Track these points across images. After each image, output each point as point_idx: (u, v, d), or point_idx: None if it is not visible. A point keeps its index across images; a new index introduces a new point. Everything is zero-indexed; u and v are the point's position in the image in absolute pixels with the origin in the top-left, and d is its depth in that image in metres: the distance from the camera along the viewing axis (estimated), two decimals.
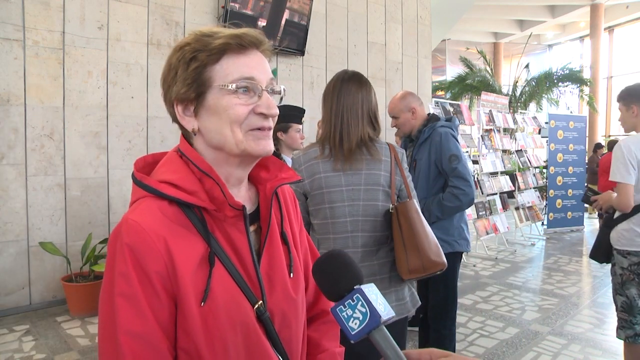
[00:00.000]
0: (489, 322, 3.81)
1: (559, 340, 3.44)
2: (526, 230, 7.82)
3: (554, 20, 16.17)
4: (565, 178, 8.08)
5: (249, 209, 0.85)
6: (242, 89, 0.78)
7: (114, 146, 4.38)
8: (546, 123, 8.26)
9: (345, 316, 0.66)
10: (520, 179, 7.48)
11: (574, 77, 12.85)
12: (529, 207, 7.48)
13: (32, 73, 3.94)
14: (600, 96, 14.73)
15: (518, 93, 13.07)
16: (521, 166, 7.82)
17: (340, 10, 6.29)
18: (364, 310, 0.65)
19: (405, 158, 1.83)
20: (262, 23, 5.19)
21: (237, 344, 0.77)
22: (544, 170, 9.09)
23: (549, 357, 3.16)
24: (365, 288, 0.67)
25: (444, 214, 2.48)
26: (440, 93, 14.44)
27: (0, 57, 3.79)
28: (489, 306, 4.21)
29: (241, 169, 0.84)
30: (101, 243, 4.01)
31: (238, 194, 0.86)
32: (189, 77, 0.79)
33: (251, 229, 0.85)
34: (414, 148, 2.65)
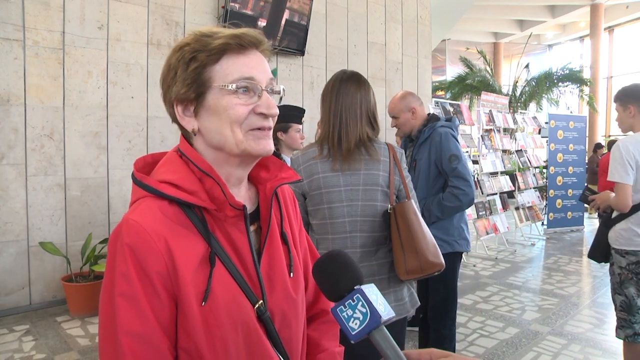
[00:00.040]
0: (489, 322, 3.81)
1: (559, 340, 3.44)
2: (526, 230, 7.82)
3: (554, 20, 16.18)
4: (565, 178, 8.08)
5: (249, 209, 0.85)
6: (242, 89, 0.78)
7: (114, 146, 4.38)
8: (546, 123, 8.26)
9: (346, 316, 0.66)
10: (520, 179, 7.48)
11: (574, 77, 12.85)
12: (529, 207, 7.48)
13: (32, 73, 3.94)
14: (600, 96, 14.73)
15: (518, 93, 13.06)
16: (521, 166, 7.82)
17: (340, 10, 6.29)
18: (364, 310, 0.65)
19: (405, 158, 1.82)
20: (262, 23, 5.19)
21: (238, 343, 0.77)
22: (544, 170, 9.08)
23: (549, 357, 3.16)
24: (366, 288, 0.67)
25: (444, 214, 2.48)
26: (440, 93, 14.43)
27: (0, 57, 3.79)
28: (489, 306, 4.21)
29: (241, 168, 0.84)
30: (101, 243, 4.01)
31: (238, 194, 0.86)
32: (189, 78, 0.79)
33: (251, 229, 0.85)
34: (414, 148, 2.65)
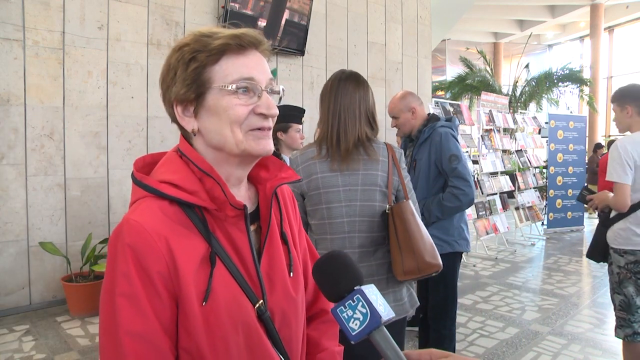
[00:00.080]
0: (489, 322, 3.81)
1: (559, 340, 3.44)
2: (526, 230, 7.82)
3: (554, 20, 16.18)
4: (565, 178, 8.08)
5: (248, 209, 0.85)
6: (242, 90, 0.79)
7: (114, 146, 4.38)
8: (546, 123, 8.26)
9: (346, 317, 0.66)
10: (520, 179, 7.48)
11: (574, 77, 12.85)
12: (529, 207, 7.48)
13: (32, 73, 3.94)
14: (600, 96, 14.73)
15: (518, 93, 13.06)
16: (521, 166, 7.82)
17: (340, 10, 6.29)
18: (364, 311, 0.65)
19: (404, 158, 1.82)
20: (262, 23, 5.19)
21: (239, 343, 0.77)
22: (544, 170, 9.08)
23: (549, 357, 3.16)
24: (366, 289, 0.67)
25: (443, 214, 2.48)
26: (440, 93, 14.43)
27: (0, 57, 3.79)
28: (489, 306, 4.21)
29: (241, 168, 0.84)
30: (101, 243, 4.01)
31: (238, 194, 0.86)
32: (189, 78, 0.79)
33: (251, 229, 0.86)
34: (414, 148, 2.65)
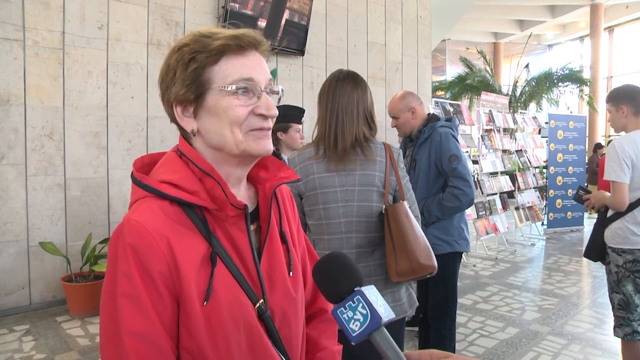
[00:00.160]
0: (489, 322, 3.81)
1: (559, 340, 3.44)
2: (526, 230, 7.82)
3: (554, 20, 16.19)
4: (565, 178, 8.08)
5: (248, 209, 0.85)
6: (242, 90, 0.79)
7: (114, 146, 4.38)
8: (546, 123, 8.26)
9: (346, 318, 0.66)
10: (520, 179, 7.48)
11: (573, 77, 12.85)
12: (529, 207, 7.47)
13: (32, 73, 3.94)
14: (600, 96, 14.71)
15: (518, 93, 13.06)
16: (521, 166, 7.82)
17: (340, 10, 6.29)
18: (364, 312, 0.65)
19: (402, 158, 1.81)
20: (262, 23, 5.18)
21: (240, 343, 0.77)
22: (544, 170, 9.08)
23: (549, 357, 3.16)
24: (366, 290, 0.67)
25: (443, 214, 2.48)
26: (440, 93, 14.43)
27: (0, 57, 3.79)
28: (489, 306, 4.21)
29: (240, 168, 0.85)
30: (101, 243, 4.01)
31: (238, 194, 0.86)
32: (188, 78, 0.79)
33: (251, 228, 0.86)
34: (414, 148, 2.65)
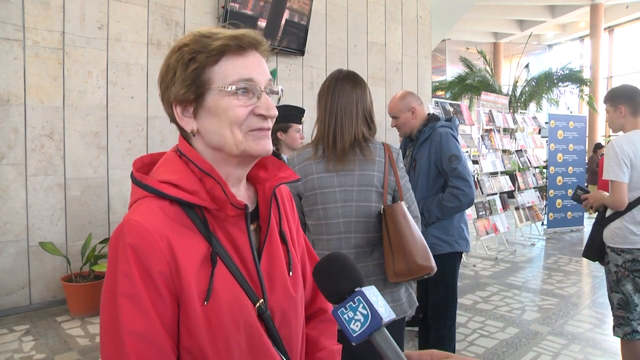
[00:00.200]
0: (489, 322, 3.81)
1: (559, 340, 3.44)
2: (526, 230, 7.82)
3: (554, 20, 16.19)
4: (565, 178, 8.08)
5: (248, 208, 0.85)
6: (242, 91, 0.79)
7: (114, 146, 4.38)
8: (546, 123, 8.26)
9: (347, 318, 0.66)
10: (520, 179, 7.48)
11: (573, 77, 12.85)
12: (529, 207, 7.47)
13: (32, 73, 3.94)
14: (600, 96, 14.68)
15: (518, 93, 13.06)
16: (521, 166, 7.82)
17: (340, 10, 6.28)
18: (365, 312, 0.65)
19: (402, 158, 1.81)
20: (262, 23, 5.18)
21: (240, 342, 0.77)
22: (544, 170, 9.08)
23: (549, 357, 3.16)
24: (367, 290, 0.67)
25: (443, 214, 2.47)
26: (440, 93, 14.43)
27: (0, 57, 3.79)
28: (489, 306, 4.21)
29: (240, 168, 0.85)
30: (101, 243, 4.01)
31: (238, 194, 0.86)
32: (188, 79, 0.79)
33: (251, 228, 0.86)
34: (414, 148, 2.65)
